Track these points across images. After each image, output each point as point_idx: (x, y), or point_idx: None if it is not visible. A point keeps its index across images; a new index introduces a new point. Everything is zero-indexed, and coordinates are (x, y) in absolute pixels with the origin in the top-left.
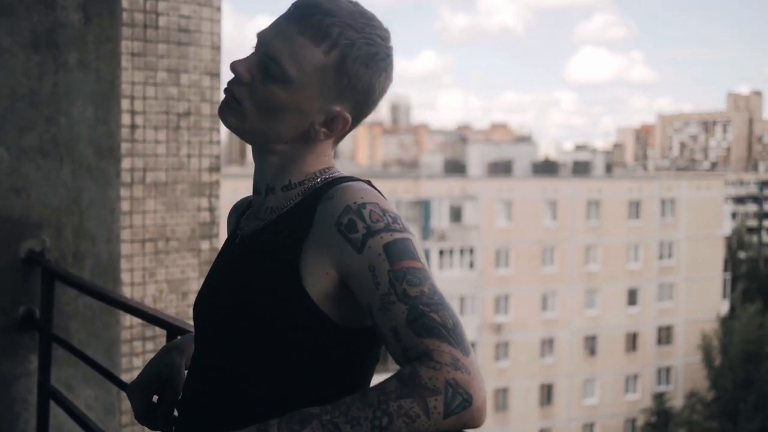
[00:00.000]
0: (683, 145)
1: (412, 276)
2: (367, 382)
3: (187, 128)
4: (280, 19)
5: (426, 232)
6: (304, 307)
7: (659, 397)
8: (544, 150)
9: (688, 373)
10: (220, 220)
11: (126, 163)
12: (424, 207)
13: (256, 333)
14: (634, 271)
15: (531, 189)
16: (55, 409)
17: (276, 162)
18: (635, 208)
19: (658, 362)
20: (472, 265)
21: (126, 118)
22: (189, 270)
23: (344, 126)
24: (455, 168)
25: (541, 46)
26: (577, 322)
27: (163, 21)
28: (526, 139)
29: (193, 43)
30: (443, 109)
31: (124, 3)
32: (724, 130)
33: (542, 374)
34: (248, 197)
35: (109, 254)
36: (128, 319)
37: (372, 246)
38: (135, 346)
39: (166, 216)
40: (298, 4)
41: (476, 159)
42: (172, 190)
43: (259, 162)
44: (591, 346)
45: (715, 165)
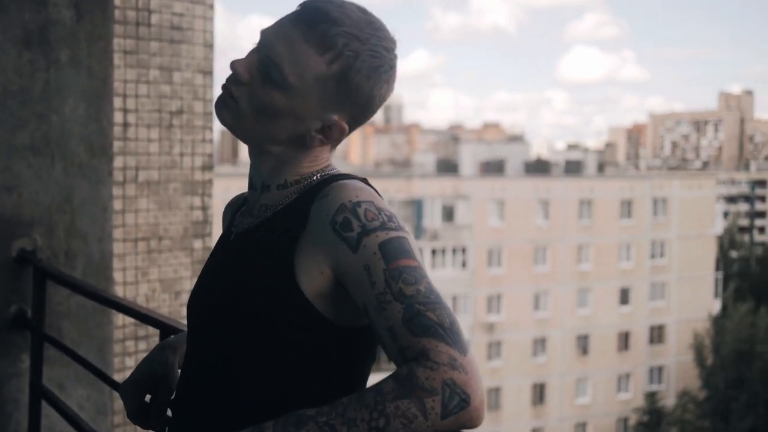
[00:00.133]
0: (675, 145)
1: (407, 275)
2: (363, 381)
3: (179, 126)
4: (286, 21)
5: (418, 231)
6: (299, 305)
7: (651, 396)
8: (536, 149)
9: (680, 372)
10: (213, 219)
11: (118, 162)
12: (416, 206)
13: (250, 331)
14: (626, 271)
15: (523, 188)
16: (46, 408)
17: (271, 162)
18: (627, 208)
19: (650, 361)
20: (464, 265)
21: (118, 116)
22: (182, 269)
23: (341, 134)
24: (447, 167)
25: (533, 46)
26: (570, 322)
27: (155, 18)
28: (518, 139)
29: (186, 41)
30: (435, 109)
31: (116, 0)
32: (716, 130)
33: (535, 373)
34: (243, 193)
35: (102, 253)
36: (121, 319)
37: (367, 245)
38: (127, 346)
39: (159, 215)
40: (306, 8)
41: (468, 158)
42: (165, 189)
43: (255, 160)
44: (583, 345)
45: (706, 164)
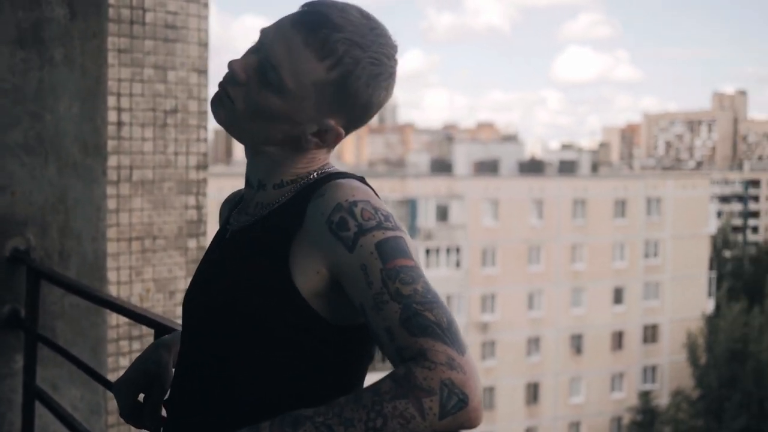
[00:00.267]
0: (669, 145)
1: (405, 274)
2: (360, 381)
3: (174, 125)
4: (287, 22)
5: (412, 231)
6: (295, 304)
7: (645, 396)
8: (531, 149)
9: (673, 371)
10: (208, 219)
11: (112, 161)
12: (410, 206)
13: (245, 330)
14: (620, 270)
15: (517, 188)
16: (40, 409)
17: (267, 162)
18: (621, 207)
19: (644, 361)
20: (458, 264)
21: (112, 115)
22: (176, 269)
23: (337, 138)
24: (441, 167)
25: (527, 46)
26: (564, 321)
27: (149, 17)
28: (512, 138)
29: (181, 40)
30: (429, 108)
31: None
32: (710, 130)
33: (528, 373)
34: (241, 190)
35: (95, 253)
36: (114, 319)
37: (364, 245)
38: (121, 346)
39: (153, 214)
40: (308, 11)
41: (462, 158)
42: (159, 188)
43: (251, 159)
44: (577, 344)
45: (700, 164)
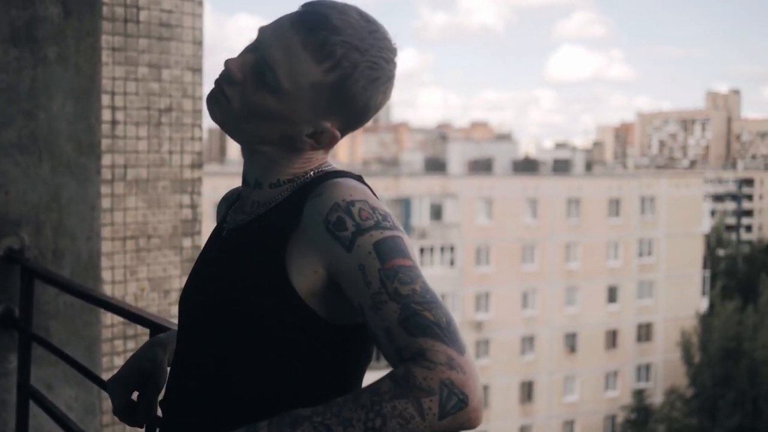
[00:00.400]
0: (662, 143)
1: (403, 274)
2: (358, 380)
3: (168, 124)
4: (285, 22)
5: (406, 230)
6: (292, 303)
7: (639, 394)
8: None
9: (667, 370)
10: (203, 218)
11: (107, 160)
12: (404, 205)
13: (242, 330)
14: (614, 269)
15: (511, 187)
16: (34, 409)
17: (263, 161)
18: (615, 206)
19: (638, 359)
20: (452, 263)
21: (106, 114)
22: (171, 268)
23: (332, 140)
24: (435, 166)
25: (521, 45)
26: (558, 320)
27: (144, 15)
28: (506, 137)
29: (175, 38)
30: (423, 108)
31: None
32: (703, 129)
33: (523, 372)
34: (238, 188)
35: (90, 252)
36: (109, 318)
37: (361, 244)
38: (116, 345)
39: (148, 213)
40: (308, 11)
41: (456, 157)
42: (154, 187)
43: (248, 157)
44: (571, 343)
45: (694, 163)
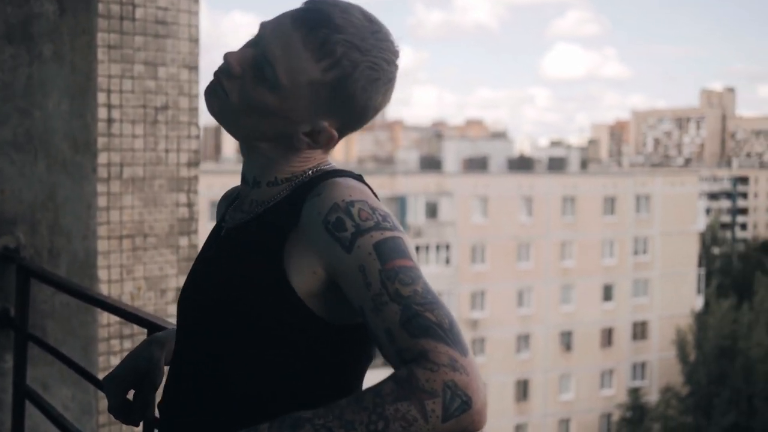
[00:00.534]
0: (657, 142)
1: (404, 275)
2: (359, 381)
3: (165, 122)
4: (287, 19)
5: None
6: (290, 303)
7: (634, 392)
8: (519, 146)
9: (662, 368)
10: (199, 216)
11: (103, 158)
12: (399, 203)
13: (240, 329)
14: (610, 267)
15: (506, 185)
16: (30, 409)
17: (261, 159)
18: (610, 204)
19: (633, 357)
20: (448, 261)
21: (102, 112)
22: (167, 267)
23: (329, 140)
24: (431, 164)
25: (516, 43)
26: (553, 318)
27: (140, 13)
28: (501, 136)
29: (171, 36)
30: (418, 106)
31: None
32: (698, 127)
33: (518, 370)
34: (237, 187)
35: (86, 251)
36: (105, 317)
37: (362, 245)
38: (112, 345)
39: (144, 212)
40: (310, 9)
41: (452, 155)
42: (150, 186)
43: (246, 154)
44: (566, 341)
45: (688, 161)
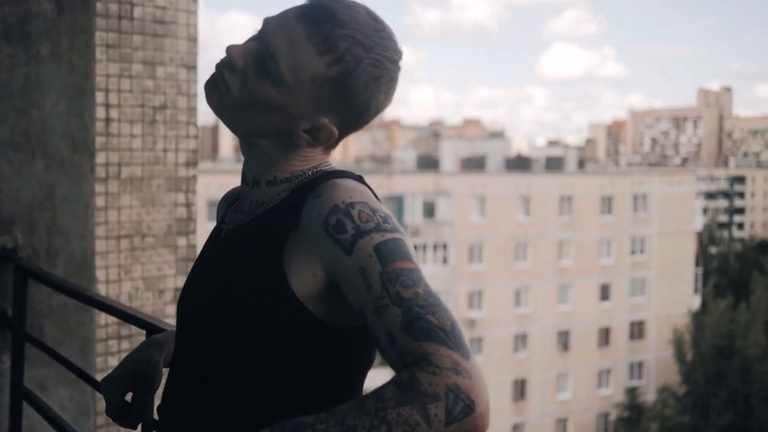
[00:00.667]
0: (654, 141)
1: (405, 277)
2: (359, 383)
3: (163, 122)
4: (291, 13)
5: None
6: (290, 304)
7: (632, 392)
8: (517, 146)
9: (660, 367)
10: (198, 216)
11: (101, 158)
12: (397, 203)
13: (240, 330)
14: (607, 267)
15: (504, 185)
16: (28, 410)
17: (261, 157)
18: (608, 204)
19: (631, 357)
20: (445, 261)
21: (100, 112)
22: (165, 267)
23: (329, 138)
24: (428, 163)
25: (513, 42)
26: (550, 318)
27: (138, 12)
28: (498, 135)
29: (169, 35)
30: (416, 105)
31: None
32: (695, 126)
33: (515, 369)
34: (238, 188)
35: (84, 251)
36: (103, 318)
37: (362, 247)
38: (110, 345)
39: (142, 212)
40: (315, 4)
41: (449, 155)
42: (148, 186)
43: (246, 153)
44: (564, 341)
45: (686, 160)
